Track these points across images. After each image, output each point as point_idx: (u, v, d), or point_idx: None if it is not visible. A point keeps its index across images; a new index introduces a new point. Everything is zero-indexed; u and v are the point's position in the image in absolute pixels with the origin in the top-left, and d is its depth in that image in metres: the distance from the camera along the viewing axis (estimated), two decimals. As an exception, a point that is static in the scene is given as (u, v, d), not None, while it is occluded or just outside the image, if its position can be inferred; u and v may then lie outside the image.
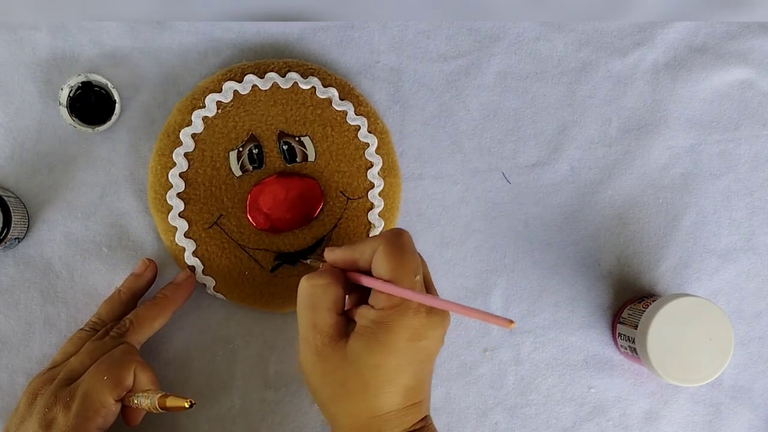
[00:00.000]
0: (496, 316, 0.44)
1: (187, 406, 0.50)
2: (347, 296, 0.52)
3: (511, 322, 0.43)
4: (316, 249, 0.61)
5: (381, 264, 0.49)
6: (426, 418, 0.52)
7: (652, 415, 0.64)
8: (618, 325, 0.63)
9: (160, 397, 0.51)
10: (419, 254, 0.52)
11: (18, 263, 0.61)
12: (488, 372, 0.64)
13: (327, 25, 0.63)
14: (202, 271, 0.61)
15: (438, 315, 0.50)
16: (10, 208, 0.57)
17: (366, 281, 0.50)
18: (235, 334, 0.62)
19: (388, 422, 0.49)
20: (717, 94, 0.65)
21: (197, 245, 0.60)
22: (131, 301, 0.59)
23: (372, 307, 0.50)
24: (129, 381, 0.54)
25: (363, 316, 0.50)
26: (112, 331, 0.57)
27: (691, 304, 0.58)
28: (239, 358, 0.62)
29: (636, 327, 0.60)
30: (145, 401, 0.52)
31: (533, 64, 0.64)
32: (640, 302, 0.62)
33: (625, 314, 0.62)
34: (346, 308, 0.52)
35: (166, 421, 0.61)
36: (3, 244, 0.58)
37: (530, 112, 0.64)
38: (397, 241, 0.50)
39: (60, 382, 0.54)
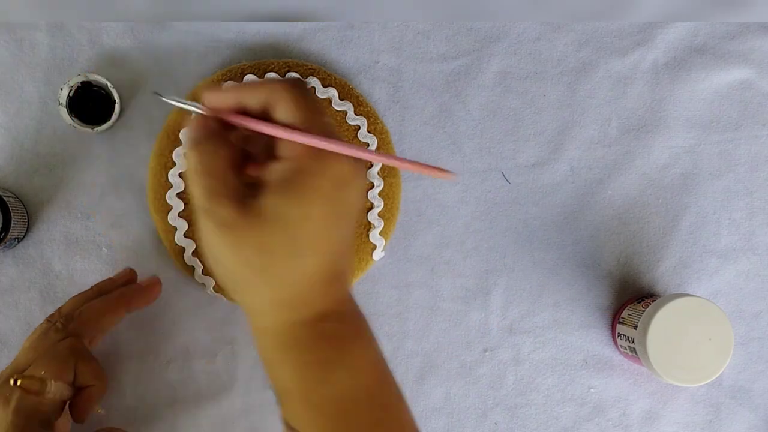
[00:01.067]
0: (431, 166, 0.39)
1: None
2: None
3: (448, 171, 0.39)
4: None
5: (288, 108, 0.41)
6: (352, 299, 0.45)
7: (652, 415, 0.64)
8: (618, 325, 0.63)
9: (18, 376, 0.51)
10: None
11: (18, 263, 0.61)
12: (488, 372, 0.64)
13: (327, 25, 0.63)
14: (202, 271, 0.61)
15: (359, 162, 0.43)
16: (10, 208, 0.57)
17: (269, 129, 0.42)
18: (235, 335, 0.62)
19: (315, 293, 0.42)
20: (717, 94, 0.65)
21: (197, 245, 0.60)
22: (94, 298, 0.58)
23: (281, 158, 0.42)
24: (69, 375, 0.53)
25: (274, 170, 0.42)
26: (57, 323, 0.56)
27: (691, 304, 0.58)
28: (239, 359, 0.62)
29: (636, 327, 0.60)
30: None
31: (533, 64, 0.64)
32: (640, 302, 0.62)
33: (625, 314, 0.62)
34: None
35: (166, 422, 0.61)
36: (3, 244, 0.58)
37: (530, 112, 0.64)
38: (301, 84, 0.43)
39: (3, 378, 0.53)
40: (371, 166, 0.49)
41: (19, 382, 0.51)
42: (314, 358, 0.43)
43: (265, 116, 0.42)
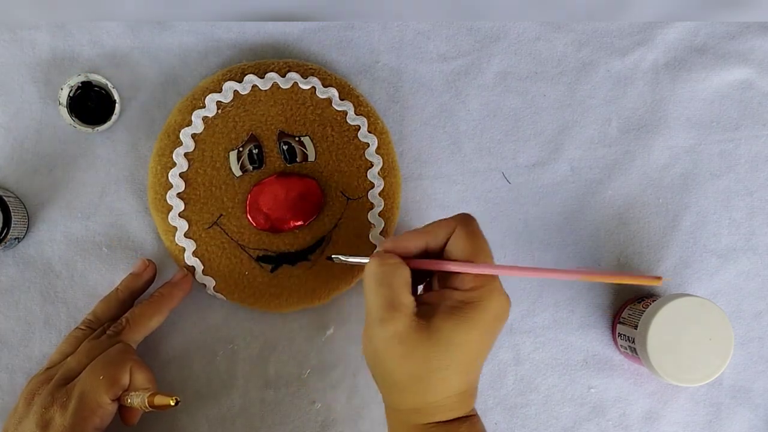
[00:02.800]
0: (643, 276, 0.45)
1: (172, 403, 0.50)
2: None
3: (659, 278, 0.45)
4: (316, 249, 0.61)
5: (462, 245, 0.50)
6: (474, 410, 0.52)
7: (652, 415, 0.64)
8: (618, 325, 0.63)
9: (149, 395, 0.51)
10: None
11: (18, 263, 0.61)
12: (488, 372, 0.64)
13: (327, 25, 0.63)
14: (202, 271, 0.61)
15: (508, 300, 0.51)
16: (10, 208, 0.57)
17: (444, 265, 0.50)
18: (235, 334, 0.62)
19: (453, 404, 0.50)
20: (717, 94, 0.65)
21: (197, 245, 0.60)
22: (128, 300, 0.59)
23: (456, 288, 0.50)
24: (125, 380, 0.54)
25: (448, 297, 0.49)
26: (108, 330, 0.57)
27: (691, 304, 0.58)
28: (239, 358, 0.62)
29: (636, 327, 0.60)
30: (137, 400, 0.52)
31: (533, 64, 0.64)
32: (640, 302, 0.62)
33: (625, 314, 0.62)
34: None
35: (166, 422, 0.61)
36: (3, 244, 0.58)
37: (530, 112, 0.64)
38: (473, 222, 0.51)
39: (57, 382, 0.54)
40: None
41: (156, 403, 0.51)
42: None
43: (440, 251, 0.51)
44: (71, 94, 0.60)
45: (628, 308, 0.62)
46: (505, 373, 0.64)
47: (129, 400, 0.53)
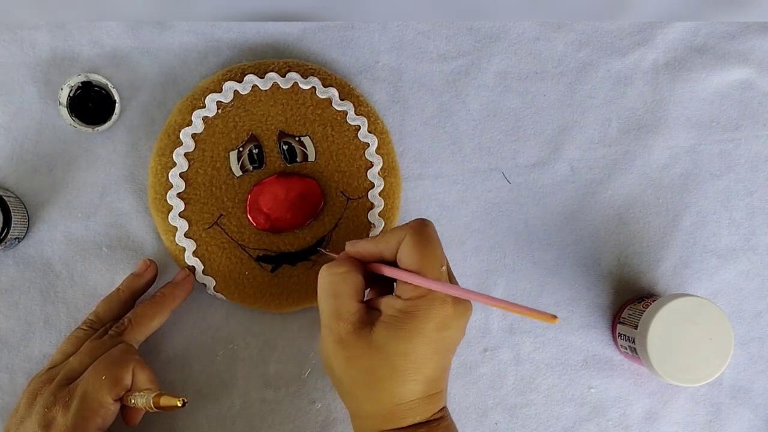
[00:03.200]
0: (538, 311, 0.44)
1: (179, 404, 0.50)
2: (367, 289, 0.53)
3: (555, 317, 0.44)
4: (316, 249, 0.61)
5: (408, 255, 0.50)
6: (444, 409, 0.52)
7: (652, 415, 0.64)
8: (618, 325, 0.63)
9: (155, 396, 0.51)
10: None
11: (18, 263, 0.61)
12: (488, 372, 0.64)
13: (327, 25, 0.63)
14: (202, 271, 0.61)
15: (462, 305, 0.50)
16: (10, 208, 0.57)
17: (391, 272, 0.50)
18: (235, 334, 0.62)
19: (410, 410, 0.50)
20: (717, 94, 0.65)
21: (197, 245, 0.60)
22: (130, 300, 0.59)
23: (398, 297, 0.50)
24: (127, 380, 0.54)
25: (389, 305, 0.50)
26: (110, 330, 0.57)
27: (691, 304, 0.58)
28: (239, 358, 0.62)
29: (636, 327, 0.60)
30: (141, 400, 0.52)
31: (533, 64, 0.64)
32: (640, 302, 0.62)
33: (625, 314, 0.62)
34: (366, 299, 0.52)
35: (166, 421, 0.61)
36: (3, 244, 0.58)
37: (530, 112, 0.64)
38: (424, 231, 0.50)
39: (59, 382, 0.54)
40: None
41: (161, 404, 0.51)
42: None
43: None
44: (71, 94, 0.60)
45: (628, 308, 0.62)
46: (505, 373, 0.64)
47: (133, 401, 0.53)
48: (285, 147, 0.61)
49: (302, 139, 0.61)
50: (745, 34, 0.65)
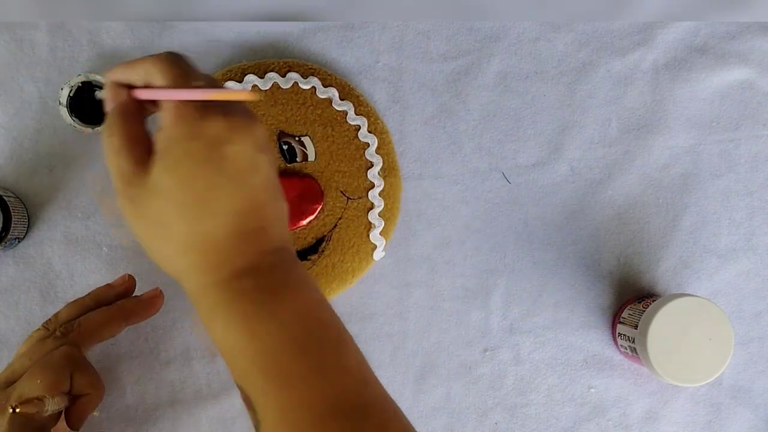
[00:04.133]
0: (234, 91, 0.40)
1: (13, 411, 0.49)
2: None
3: (253, 93, 0.40)
4: (316, 249, 0.61)
5: (155, 72, 0.43)
6: (281, 252, 0.44)
7: (652, 415, 0.64)
8: (618, 325, 0.63)
9: (20, 402, 0.50)
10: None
11: (18, 263, 0.61)
12: (488, 372, 0.64)
13: (327, 25, 0.63)
14: (202, 271, 0.60)
15: (240, 116, 0.42)
16: (10, 208, 0.57)
17: (141, 93, 0.44)
18: (235, 334, 0.62)
19: (223, 254, 0.42)
20: (717, 94, 0.65)
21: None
22: (93, 307, 0.57)
23: (159, 129, 0.43)
24: (65, 385, 0.52)
25: (157, 140, 0.43)
26: (56, 331, 0.55)
27: (691, 304, 0.58)
28: (239, 358, 0.62)
29: (636, 327, 0.60)
30: (52, 406, 0.51)
31: (533, 64, 0.64)
32: (640, 302, 0.62)
33: (625, 314, 0.62)
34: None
35: (166, 422, 0.61)
36: (3, 244, 0.58)
37: (530, 112, 0.64)
38: (172, 54, 0.44)
39: (0, 385, 0.52)
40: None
41: (18, 410, 0.50)
42: (238, 317, 0.42)
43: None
44: (71, 94, 0.60)
45: (628, 308, 0.62)
46: (505, 373, 0.64)
47: (46, 408, 0.51)
48: (285, 147, 0.61)
49: (302, 138, 0.61)
50: (745, 34, 0.65)
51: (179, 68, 0.43)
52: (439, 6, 0.62)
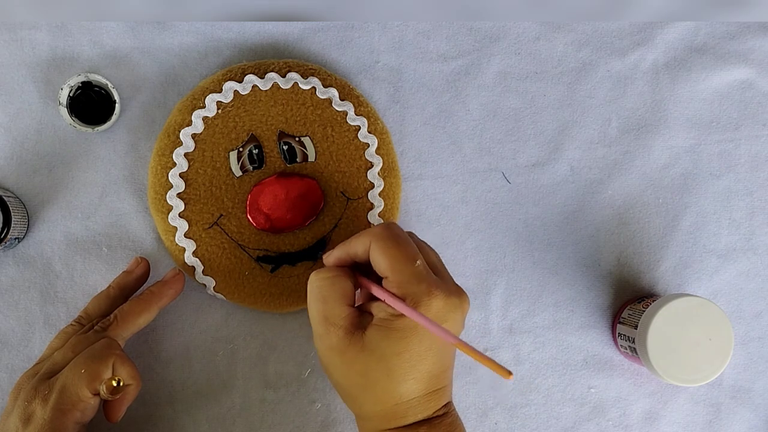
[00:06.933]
0: (496, 364, 0.44)
1: (114, 384, 0.51)
2: (359, 290, 0.53)
3: (510, 373, 0.44)
4: (316, 249, 0.61)
5: (378, 260, 0.50)
6: (449, 404, 0.52)
7: (652, 415, 0.64)
8: (618, 325, 0.63)
9: (107, 380, 0.51)
10: (426, 243, 0.54)
11: (18, 263, 0.61)
12: (488, 372, 0.63)
13: (327, 25, 0.63)
14: (202, 271, 0.61)
15: (456, 297, 0.50)
16: (10, 208, 0.57)
17: (375, 291, 0.51)
18: (235, 334, 0.62)
19: (412, 408, 0.50)
20: (717, 94, 0.65)
21: (197, 245, 0.60)
22: (120, 297, 0.59)
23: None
24: (107, 375, 0.53)
25: (381, 309, 0.50)
26: (96, 325, 0.56)
27: (691, 304, 0.58)
28: (239, 358, 0.62)
29: (636, 327, 0.60)
30: (102, 389, 0.52)
31: (533, 64, 0.64)
32: (640, 302, 0.62)
33: (625, 314, 0.62)
34: (358, 303, 0.52)
35: (166, 421, 0.61)
36: (3, 244, 0.58)
37: (530, 112, 0.64)
38: (387, 233, 0.51)
39: (41, 376, 0.54)
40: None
41: (115, 383, 0.51)
42: None
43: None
44: (71, 94, 0.60)
45: (628, 308, 0.62)
46: (505, 373, 0.64)
47: (102, 391, 0.53)
48: (285, 147, 0.61)
49: (302, 139, 0.61)
50: (745, 34, 0.65)
51: (394, 253, 0.50)
52: (439, 6, 0.62)
